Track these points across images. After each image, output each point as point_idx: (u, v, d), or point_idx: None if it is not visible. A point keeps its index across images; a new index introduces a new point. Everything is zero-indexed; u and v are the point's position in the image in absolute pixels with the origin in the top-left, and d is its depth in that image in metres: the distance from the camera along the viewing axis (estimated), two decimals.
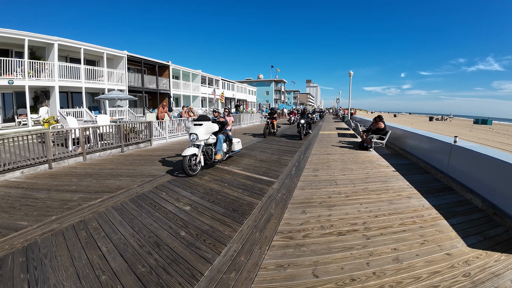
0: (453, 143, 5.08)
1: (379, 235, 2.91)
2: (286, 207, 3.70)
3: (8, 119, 14.08)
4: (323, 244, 2.72)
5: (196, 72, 27.45)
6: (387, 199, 4.05)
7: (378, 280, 2.17)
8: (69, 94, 16.23)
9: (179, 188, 4.48)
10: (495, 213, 3.38)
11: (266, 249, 2.63)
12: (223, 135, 6.11)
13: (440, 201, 3.95)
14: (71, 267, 2.30)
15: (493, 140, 20.35)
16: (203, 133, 5.31)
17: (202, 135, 5.30)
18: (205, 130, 5.38)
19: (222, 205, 3.75)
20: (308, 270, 2.30)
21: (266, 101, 53.59)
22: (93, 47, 16.17)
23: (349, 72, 23.85)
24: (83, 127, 6.90)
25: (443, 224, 3.21)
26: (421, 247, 2.67)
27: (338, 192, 4.36)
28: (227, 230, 3.00)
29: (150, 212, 3.49)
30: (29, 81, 12.90)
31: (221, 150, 5.88)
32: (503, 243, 2.77)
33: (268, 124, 12.41)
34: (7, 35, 12.25)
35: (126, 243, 2.69)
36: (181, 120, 11.42)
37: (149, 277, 2.17)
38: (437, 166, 5.60)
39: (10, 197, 3.99)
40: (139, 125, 8.89)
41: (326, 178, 5.20)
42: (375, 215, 3.44)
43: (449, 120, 60.69)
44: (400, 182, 4.96)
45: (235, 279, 2.17)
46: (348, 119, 23.75)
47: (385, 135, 8.50)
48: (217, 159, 5.83)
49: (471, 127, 38.04)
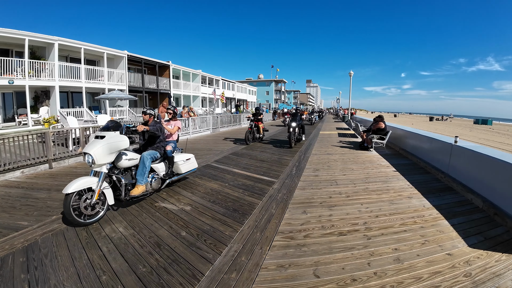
0: (453, 143, 5.08)
1: (380, 235, 2.91)
2: (286, 207, 3.70)
3: (8, 119, 14.09)
4: (324, 244, 2.72)
5: (196, 72, 27.47)
6: (387, 199, 4.05)
7: (379, 280, 2.16)
8: (69, 94, 16.25)
9: (179, 188, 4.48)
10: (495, 213, 3.38)
11: (267, 249, 2.63)
12: (154, 153, 3.94)
13: (441, 201, 3.95)
14: (71, 267, 2.29)
15: (493, 140, 20.34)
16: (102, 153, 3.13)
17: (101, 156, 3.13)
18: (106, 148, 3.17)
19: (222, 205, 3.75)
20: (309, 270, 2.29)
21: (266, 101, 53.61)
22: (93, 47, 16.18)
23: (349, 72, 23.88)
24: (84, 127, 6.90)
25: (444, 224, 3.20)
26: (422, 247, 2.66)
27: (338, 192, 4.36)
28: (228, 230, 3.00)
29: (150, 212, 3.48)
30: (29, 81, 12.90)
31: (144, 180, 3.60)
32: (504, 243, 2.76)
33: (251, 128, 9.92)
34: (8, 35, 12.26)
35: (127, 243, 2.69)
36: (181, 120, 11.43)
37: (150, 277, 2.17)
38: (438, 166, 5.59)
39: (10, 197, 3.99)
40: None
41: (326, 178, 5.20)
42: (376, 215, 3.44)
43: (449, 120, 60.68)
44: (401, 182, 4.96)
45: (236, 279, 2.16)
46: (348, 119, 23.76)
47: (385, 135, 8.50)
48: (134, 195, 3.49)
49: (471, 127, 38.03)
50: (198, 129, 12.60)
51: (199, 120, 12.89)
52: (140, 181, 3.58)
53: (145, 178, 3.63)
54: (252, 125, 9.97)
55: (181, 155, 4.66)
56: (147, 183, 3.72)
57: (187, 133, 11.56)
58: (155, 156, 3.94)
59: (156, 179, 3.96)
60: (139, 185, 3.57)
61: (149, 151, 3.91)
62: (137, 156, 3.71)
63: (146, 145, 4.11)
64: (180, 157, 4.54)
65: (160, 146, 4.16)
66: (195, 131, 12.20)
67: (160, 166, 4.09)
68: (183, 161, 4.54)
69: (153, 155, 3.88)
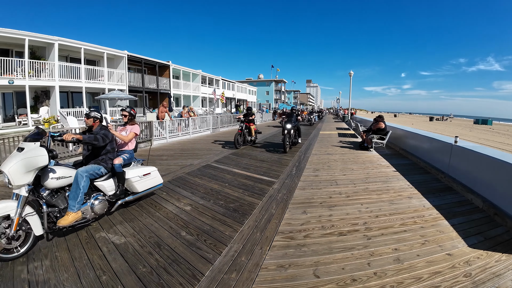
0: (453, 143, 5.08)
1: (380, 235, 2.91)
2: (286, 207, 3.70)
3: (8, 119, 14.09)
4: (324, 244, 2.72)
5: (196, 72, 27.47)
6: (387, 199, 4.05)
7: (379, 280, 2.16)
8: (69, 94, 16.25)
9: (179, 188, 4.48)
10: (496, 213, 3.38)
11: (267, 249, 2.63)
12: (95, 168, 3.07)
13: (441, 201, 3.95)
14: (71, 267, 2.29)
15: (493, 140, 20.34)
16: (17, 171, 2.40)
17: (17, 175, 2.41)
18: (21, 165, 2.42)
19: (222, 205, 3.75)
20: (309, 270, 2.29)
21: (266, 101, 53.61)
22: (93, 47, 16.19)
23: (349, 72, 23.87)
24: (84, 127, 6.90)
25: (444, 224, 3.20)
26: (422, 247, 2.67)
27: (338, 192, 4.36)
28: (227, 230, 3.00)
29: (150, 212, 3.48)
30: (29, 81, 12.91)
31: (76, 205, 2.74)
32: (504, 243, 2.76)
33: (241, 130, 8.74)
34: (8, 35, 12.26)
35: (127, 243, 2.69)
36: (182, 120, 11.44)
37: (150, 277, 2.17)
38: (438, 166, 5.59)
39: None
40: (140, 125, 8.89)
41: (326, 178, 5.20)
42: (376, 215, 3.44)
43: (449, 120, 60.68)
44: (401, 182, 4.96)
45: (236, 279, 2.16)
46: (348, 119, 23.75)
47: (385, 135, 8.50)
48: (62, 226, 2.64)
49: (471, 127, 38.02)
50: (198, 129, 12.61)
51: (199, 120, 12.90)
52: (72, 207, 2.70)
53: (78, 203, 2.75)
54: (242, 127, 8.84)
55: (138, 169, 3.67)
56: (87, 207, 2.87)
57: (187, 133, 11.57)
58: (97, 172, 3.08)
59: (100, 201, 3.05)
60: (70, 212, 2.68)
61: (88, 166, 3.04)
62: (71, 173, 2.85)
63: (90, 158, 3.25)
64: (135, 172, 3.54)
65: (107, 158, 3.28)
66: (195, 131, 12.21)
67: (107, 184, 3.20)
68: (139, 177, 3.55)
69: (93, 171, 3.02)
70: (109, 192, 3.23)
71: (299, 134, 9.42)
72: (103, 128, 3.31)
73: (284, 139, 7.91)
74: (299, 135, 9.51)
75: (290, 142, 8.34)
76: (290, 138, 8.38)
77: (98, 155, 3.26)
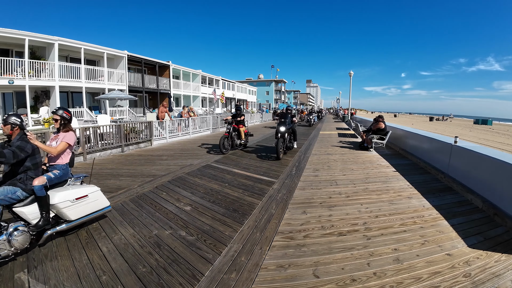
0: (453, 143, 5.08)
1: (380, 236, 2.91)
2: (286, 207, 3.70)
3: None
4: (324, 245, 2.72)
5: (196, 72, 27.46)
6: (387, 199, 4.05)
7: (378, 280, 2.17)
8: (69, 94, 16.24)
9: (179, 188, 4.48)
10: (495, 213, 3.38)
11: (266, 249, 2.63)
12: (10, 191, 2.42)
13: (441, 202, 3.95)
14: (71, 267, 2.30)
15: (493, 140, 20.34)
16: None
17: None
18: None
19: (222, 205, 3.75)
20: (309, 271, 2.30)
21: (266, 101, 53.61)
22: (93, 47, 16.18)
23: (349, 72, 23.87)
24: (84, 127, 6.91)
25: (443, 224, 3.21)
26: (421, 248, 2.67)
27: (338, 192, 4.36)
28: (227, 231, 3.00)
29: (150, 212, 3.49)
30: (29, 81, 12.90)
31: None
32: (504, 244, 2.77)
33: (229, 133, 7.71)
34: (8, 35, 12.25)
35: (127, 243, 2.69)
36: (182, 120, 11.44)
37: (150, 277, 2.17)
38: (438, 167, 5.59)
39: None
40: (140, 125, 8.89)
41: (326, 178, 5.20)
42: (375, 216, 3.44)
43: (449, 120, 60.66)
44: (401, 182, 4.96)
45: (235, 279, 2.16)
46: (348, 119, 23.75)
47: (385, 135, 8.50)
48: None
49: (471, 127, 38.01)
50: (198, 129, 12.62)
51: (199, 120, 12.91)
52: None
53: None
54: (230, 129, 7.75)
55: (71, 190, 2.79)
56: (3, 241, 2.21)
57: (187, 133, 11.58)
58: (11, 197, 2.40)
59: (21, 232, 2.33)
60: None
61: (1, 187, 2.42)
62: None
63: (8, 176, 2.57)
64: (64, 196, 2.68)
65: (26, 178, 2.54)
66: (195, 131, 12.22)
67: (28, 210, 2.48)
68: (70, 202, 2.69)
69: (5, 195, 2.36)
70: (33, 221, 2.49)
71: (294, 138, 8.45)
72: (22, 138, 2.57)
73: (278, 143, 6.91)
74: (295, 139, 8.52)
75: (284, 147, 7.49)
76: (284, 143, 7.50)
77: (16, 174, 2.56)
